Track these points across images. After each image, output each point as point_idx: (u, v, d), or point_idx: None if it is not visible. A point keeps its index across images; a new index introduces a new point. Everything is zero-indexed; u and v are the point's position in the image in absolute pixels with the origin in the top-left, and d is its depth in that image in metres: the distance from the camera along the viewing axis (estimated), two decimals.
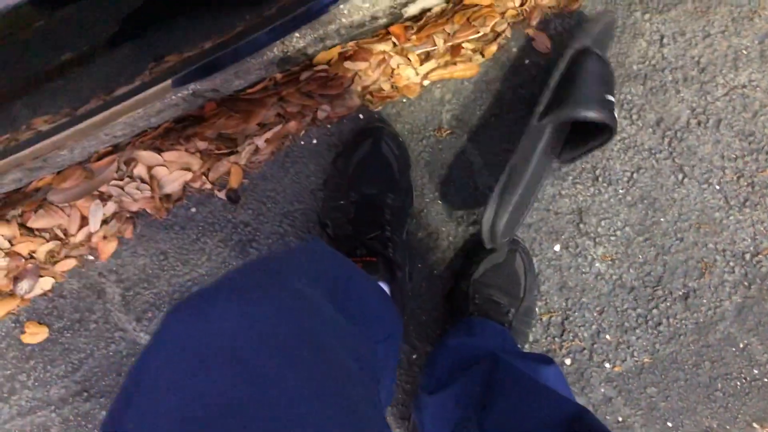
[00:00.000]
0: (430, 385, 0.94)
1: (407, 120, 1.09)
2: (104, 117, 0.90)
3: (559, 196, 1.09)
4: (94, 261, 1.11)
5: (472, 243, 1.09)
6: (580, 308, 1.10)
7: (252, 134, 1.07)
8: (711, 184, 1.10)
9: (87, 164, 1.07)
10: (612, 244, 1.10)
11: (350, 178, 1.01)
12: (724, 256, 1.10)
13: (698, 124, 1.10)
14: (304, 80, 1.04)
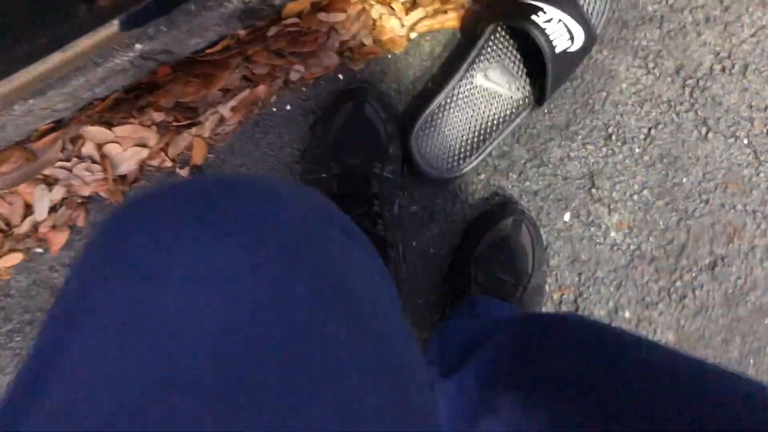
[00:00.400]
0: (441, 367, 0.82)
1: (393, 78, 0.95)
2: (30, 78, 0.77)
3: (568, 159, 0.97)
4: (43, 254, 0.98)
5: (472, 216, 0.96)
6: (595, 283, 0.99)
7: (215, 102, 0.93)
8: (738, 138, 0.98)
9: (27, 144, 0.93)
10: (628, 211, 0.98)
11: (331, 147, 0.88)
12: (754, 218, 0.99)
13: (722, 71, 0.97)
14: (273, 37, 0.90)
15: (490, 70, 0.89)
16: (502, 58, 0.90)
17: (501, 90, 0.90)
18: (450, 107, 0.90)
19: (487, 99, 0.90)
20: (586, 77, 0.96)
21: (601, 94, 0.96)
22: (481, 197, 0.97)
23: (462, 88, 0.90)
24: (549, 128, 0.96)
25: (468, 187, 0.97)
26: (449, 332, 0.87)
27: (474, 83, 0.90)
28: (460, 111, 0.91)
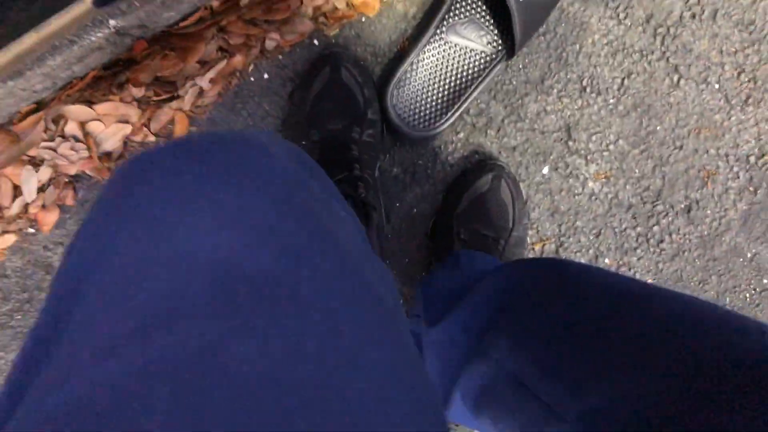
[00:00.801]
0: (428, 318, 0.85)
1: (368, 42, 0.96)
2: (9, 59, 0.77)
3: (544, 113, 0.98)
4: (35, 234, 0.99)
5: (453, 175, 0.98)
6: (575, 233, 1.01)
7: (193, 75, 0.94)
8: (709, 84, 0.99)
9: (9, 127, 0.94)
10: (605, 161, 1.00)
11: (310, 115, 0.89)
12: (727, 162, 1.01)
13: (692, 17, 0.98)
14: (246, 6, 0.91)
15: (460, 25, 0.90)
16: (472, 14, 0.90)
17: (473, 45, 0.91)
18: (423, 65, 0.92)
19: (459, 55, 0.92)
20: (558, 31, 0.97)
21: (574, 46, 0.98)
22: (461, 156, 0.98)
23: (433, 45, 0.91)
24: (524, 83, 0.98)
25: (447, 147, 0.98)
26: (434, 283, 0.89)
27: (445, 39, 0.91)
28: (433, 68, 0.92)
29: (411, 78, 0.93)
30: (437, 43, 0.92)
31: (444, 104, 0.94)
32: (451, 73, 0.93)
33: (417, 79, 0.93)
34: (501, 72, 0.97)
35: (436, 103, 0.94)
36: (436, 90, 0.93)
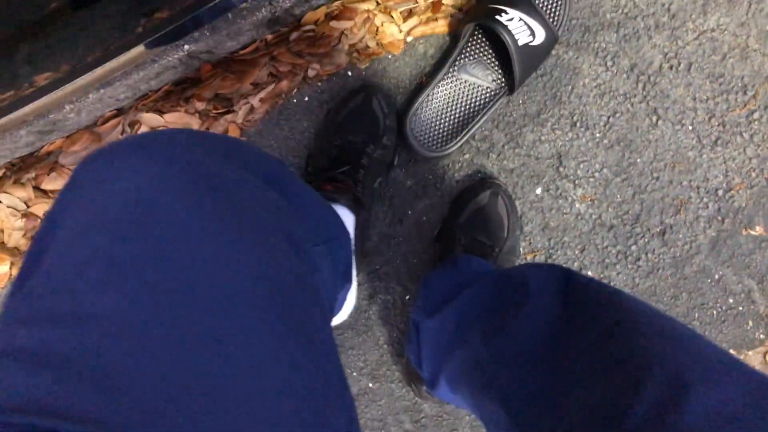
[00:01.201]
0: (426, 309, 1.00)
1: (393, 75, 1.15)
2: (103, 72, 0.97)
3: (539, 142, 1.15)
4: None
5: (458, 190, 1.16)
6: (563, 247, 1.17)
7: (247, 94, 1.13)
8: (684, 125, 1.16)
9: (94, 128, 1.14)
10: (591, 186, 1.16)
11: (337, 126, 1.09)
12: (698, 193, 1.16)
13: (670, 68, 1.15)
14: (293, 40, 1.10)
15: (469, 65, 1.09)
16: (479, 55, 1.09)
17: (480, 81, 1.09)
18: (437, 97, 1.10)
19: (468, 89, 1.10)
20: (554, 73, 1.15)
21: (567, 87, 1.15)
22: (466, 174, 1.16)
23: (447, 81, 1.09)
24: (523, 116, 1.15)
25: (455, 165, 1.16)
26: (434, 281, 1.05)
27: (457, 76, 1.09)
28: (446, 100, 1.10)
29: (427, 107, 1.11)
30: (450, 79, 1.10)
31: (454, 130, 1.12)
32: (460, 105, 1.11)
33: (432, 108, 1.11)
34: (503, 105, 1.15)
35: (447, 128, 1.11)
36: (448, 118, 1.11)
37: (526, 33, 1.03)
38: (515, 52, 1.03)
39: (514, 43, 1.02)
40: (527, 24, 1.03)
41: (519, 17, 1.03)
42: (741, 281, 1.18)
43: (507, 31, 1.01)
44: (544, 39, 1.05)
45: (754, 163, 1.16)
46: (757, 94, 1.15)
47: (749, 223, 1.17)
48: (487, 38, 1.09)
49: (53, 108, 1.03)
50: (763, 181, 1.16)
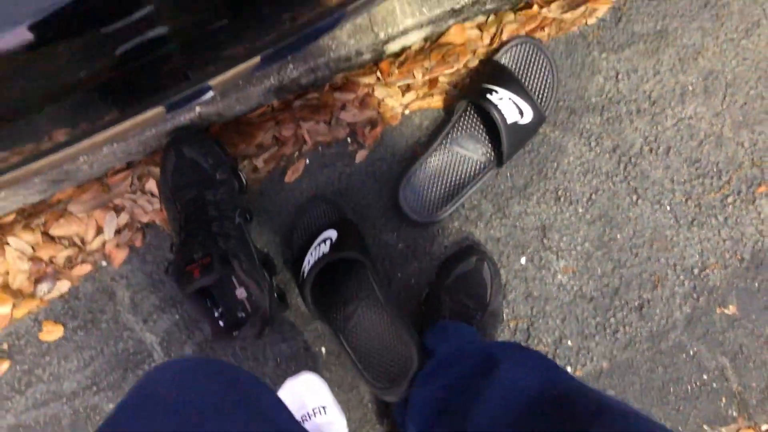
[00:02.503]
0: (416, 377, 1.04)
1: (389, 144, 1.22)
2: (120, 130, 1.03)
3: (525, 214, 1.22)
4: (107, 267, 1.23)
5: (446, 255, 1.21)
6: (544, 316, 1.22)
7: (251, 155, 1.20)
8: (662, 205, 1.22)
9: (104, 179, 1.21)
10: (573, 258, 1.22)
11: (171, 190, 1.11)
12: (674, 270, 1.22)
13: (650, 151, 1.23)
14: (297, 107, 1.18)
15: (461, 138, 1.16)
16: (471, 129, 1.16)
17: (470, 154, 1.17)
18: (430, 166, 1.17)
19: (459, 161, 1.17)
20: (540, 150, 1.22)
21: (552, 164, 1.22)
22: (455, 240, 1.22)
23: (440, 152, 1.17)
24: (510, 188, 1.22)
25: (444, 232, 1.22)
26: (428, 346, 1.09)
27: (449, 148, 1.17)
28: (438, 169, 1.17)
29: (420, 175, 1.18)
30: (443, 150, 1.17)
31: (444, 198, 1.18)
32: (452, 175, 1.18)
33: (425, 176, 1.18)
34: (492, 177, 1.22)
35: (439, 196, 1.18)
36: (439, 186, 1.18)
37: (515, 112, 1.11)
38: (504, 129, 1.10)
39: (503, 120, 1.10)
40: (516, 104, 1.11)
41: (509, 97, 1.11)
42: (715, 358, 1.22)
43: (497, 110, 1.09)
44: (531, 118, 1.13)
45: (727, 245, 1.22)
46: (731, 179, 1.22)
47: (723, 302, 1.22)
48: (478, 114, 1.17)
49: (68, 160, 1.10)
50: (736, 263, 1.22)
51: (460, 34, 1.17)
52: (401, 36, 1.11)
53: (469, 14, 1.15)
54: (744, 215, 1.22)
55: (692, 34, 1.24)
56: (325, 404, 1.13)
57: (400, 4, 1.08)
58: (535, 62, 1.17)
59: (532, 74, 1.17)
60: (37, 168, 1.07)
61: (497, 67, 1.15)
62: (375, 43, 1.09)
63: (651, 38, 1.24)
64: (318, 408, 1.12)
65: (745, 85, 1.23)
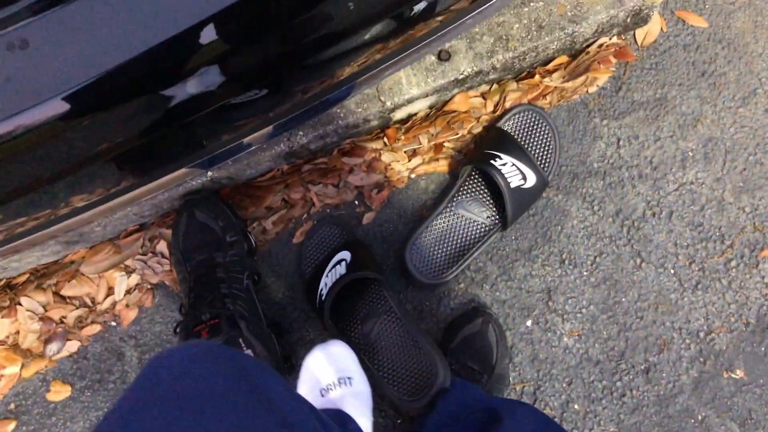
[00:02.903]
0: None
1: (396, 206, 1.25)
2: (134, 195, 1.06)
3: (530, 276, 1.23)
4: (116, 327, 1.24)
5: (452, 316, 1.22)
6: (551, 379, 1.21)
7: (260, 217, 1.23)
8: (666, 269, 1.23)
9: (116, 240, 1.23)
10: (578, 321, 1.22)
11: (182, 252, 1.14)
12: (680, 334, 1.22)
13: (653, 215, 1.25)
14: (306, 171, 1.21)
15: (466, 201, 1.19)
16: (475, 193, 1.19)
17: (475, 217, 1.19)
18: (436, 229, 1.19)
19: (465, 224, 1.19)
20: (545, 214, 1.24)
21: (557, 227, 1.24)
22: (461, 302, 1.23)
23: (445, 214, 1.19)
24: (515, 251, 1.24)
25: (450, 293, 1.23)
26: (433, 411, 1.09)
27: (455, 211, 1.19)
28: (444, 232, 1.19)
29: (427, 237, 1.20)
30: (448, 213, 1.20)
31: (450, 260, 1.20)
32: (457, 237, 1.20)
33: (431, 238, 1.20)
34: (497, 240, 1.24)
35: (444, 258, 1.20)
36: (445, 249, 1.20)
37: (518, 177, 1.14)
38: (508, 194, 1.13)
39: (507, 185, 1.13)
40: (519, 169, 1.14)
41: (512, 162, 1.14)
42: (724, 423, 1.21)
43: (500, 175, 1.12)
44: (535, 183, 1.16)
45: (732, 309, 1.22)
46: (733, 243, 1.23)
47: (730, 366, 1.22)
48: (483, 179, 1.20)
49: (84, 224, 1.13)
50: (742, 326, 1.22)
51: (464, 102, 1.21)
52: (407, 104, 1.15)
53: (472, 84, 1.19)
54: (748, 279, 1.23)
55: (691, 102, 1.27)
56: (352, 375, 1.11)
57: (406, 75, 1.12)
58: (537, 129, 1.21)
59: (535, 140, 1.20)
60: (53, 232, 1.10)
61: (501, 134, 1.18)
62: (382, 110, 1.13)
63: (651, 106, 1.27)
64: (344, 378, 1.10)
65: (744, 152, 1.26)
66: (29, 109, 0.68)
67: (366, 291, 1.15)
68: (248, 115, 1.04)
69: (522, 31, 1.13)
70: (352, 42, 0.91)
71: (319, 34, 0.85)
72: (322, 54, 0.91)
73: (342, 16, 0.83)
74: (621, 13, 1.15)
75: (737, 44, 1.29)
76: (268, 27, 0.78)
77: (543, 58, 1.21)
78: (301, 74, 0.96)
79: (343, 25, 0.85)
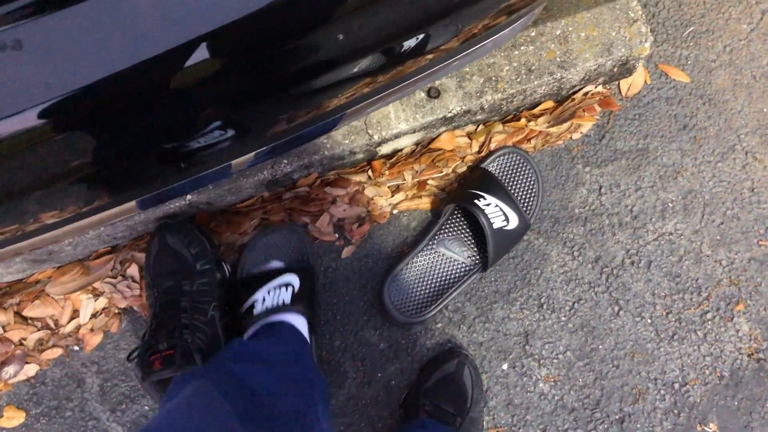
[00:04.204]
0: None
1: (377, 242, 1.23)
2: (108, 215, 1.02)
3: (508, 319, 1.22)
4: (78, 351, 1.19)
5: (428, 356, 1.20)
6: (525, 425, 1.19)
7: (235, 242, 1.20)
8: (643, 318, 1.23)
9: (86, 261, 1.19)
10: (555, 367, 1.21)
11: (151, 277, 1.11)
12: (655, 384, 1.21)
13: (632, 264, 1.25)
14: (287, 199, 1.19)
15: (447, 240, 1.18)
16: (457, 232, 1.18)
17: (456, 256, 1.18)
18: (416, 266, 1.18)
19: (445, 262, 1.18)
20: (525, 257, 1.24)
21: (536, 271, 1.24)
22: (437, 342, 1.20)
23: (426, 252, 1.18)
24: (494, 293, 1.22)
25: (427, 333, 1.21)
26: None
27: (435, 249, 1.18)
28: (424, 270, 1.18)
29: (406, 275, 1.18)
30: (429, 251, 1.18)
31: (429, 299, 1.18)
32: (437, 276, 1.18)
33: (410, 276, 1.18)
34: (476, 281, 1.22)
35: (423, 297, 1.18)
36: (424, 287, 1.18)
37: (501, 218, 1.13)
38: (490, 234, 1.12)
39: (490, 226, 1.12)
40: (502, 210, 1.14)
41: (495, 203, 1.13)
42: None
43: (484, 215, 1.11)
44: (517, 225, 1.15)
45: (707, 361, 1.22)
46: (710, 296, 1.24)
47: (703, 419, 1.21)
48: (465, 218, 1.19)
49: (54, 242, 1.09)
50: (716, 380, 1.22)
51: (450, 141, 1.21)
52: (394, 139, 1.15)
53: (460, 123, 1.19)
54: (723, 332, 1.23)
55: (672, 155, 1.29)
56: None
57: (395, 110, 1.12)
58: (521, 172, 1.21)
59: (518, 183, 1.21)
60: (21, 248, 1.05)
61: (485, 175, 1.18)
62: (369, 144, 1.12)
63: (633, 155, 1.29)
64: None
65: (722, 206, 1.27)
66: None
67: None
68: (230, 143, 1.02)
69: (512, 73, 1.14)
70: (340, 74, 0.90)
71: (306, 64, 0.84)
72: (309, 84, 0.90)
73: (331, 48, 0.82)
74: (609, 62, 1.16)
75: (717, 100, 1.32)
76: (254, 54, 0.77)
77: (530, 101, 1.22)
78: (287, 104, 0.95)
79: (331, 57, 0.84)
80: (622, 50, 1.16)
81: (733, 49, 1.35)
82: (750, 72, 1.34)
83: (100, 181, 0.96)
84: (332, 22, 0.76)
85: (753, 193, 1.28)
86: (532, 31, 1.15)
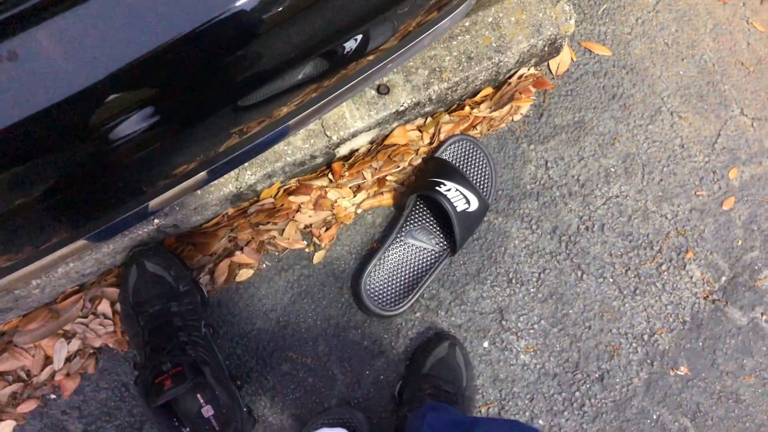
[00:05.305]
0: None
1: (346, 243, 1.25)
2: (71, 251, 0.99)
3: (481, 299, 1.26)
4: (56, 399, 1.15)
5: (412, 347, 1.22)
6: (513, 398, 1.23)
7: (207, 264, 1.20)
8: (605, 278, 1.30)
9: (53, 305, 1.16)
10: (532, 337, 1.26)
11: (133, 306, 1.10)
12: (627, 339, 1.28)
13: (586, 229, 1.32)
14: (252, 213, 1.20)
15: (415, 231, 1.21)
16: (423, 222, 1.22)
17: (425, 245, 1.21)
18: (388, 261, 1.20)
19: (415, 252, 1.21)
20: (488, 237, 1.29)
21: (500, 248, 1.29)
22: (419, 331, 1.23)
23: (395, 246, 1.21)
24: (465, 275, 1.27)
25: (408, 323, 1.23)
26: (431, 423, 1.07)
27: (404, 241, 1.21)
28: (396, 263, 1.21)
29: (380, 270, 1.20)
30: (398, 244, 1.21)
31: (405, 290, 1.21)
32: (409, 267, 1.22)
33: (384, 271, 1.21)
34: (447, 266, 1.26)
35: (399, 289, 1.21)
36: (399, 279, 1.21)
37: (463, 201, 1.18)
38: (455, 217, 1.16)
39: (454, 209, 1.16)
40: (462, 194, 1.18)
41: (455, 188, 1.18)
42: (677, 419, 1.26)
43: (447, 200, 1.16)
44: (478, 206, 1.20)
45: (669, 309, 1.30)
46: (661, 249, 1.32)
47: (674, 364, 1.28)
48: (428, 207, 1.23)
49: (19, 284, 1.05)
50: (680, 325, 1.30)
51: (403, 136, 1.25)
52: (352, 138, 1.17)
53: (410, 116, 1.23)
54: (678, 280, 1.32)
55: (606, 123, 1.38)
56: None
57: (349, 110, 1.15)
58: (473, 157, 1.26)
59: (472, 167, 1.26)
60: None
61: (441, 163, 1.23)
62: (328, 146, 1.15)
63: (571, 129, 1.36)
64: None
65: (659, 164, 1.37)
66: None
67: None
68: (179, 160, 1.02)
69: (453, 62, 1.19)
70: (288, 81, 0.92)
71: (250, 74, 0.85)
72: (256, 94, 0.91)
73: (274, 56, 0.84)
74: (540, 41, 1.24)
75: (638, 68, 1.42)
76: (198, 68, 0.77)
77: (472, 89, 1.28)
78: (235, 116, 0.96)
79: (275, 64, 0.85)
80: (551, 29, 1.23)
81: (644, 20, 1.46)
82: (662, 40, 1.45)
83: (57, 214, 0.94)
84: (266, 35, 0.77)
85: (683, 149, 1.38)
86: (466, 21, 1.21)
